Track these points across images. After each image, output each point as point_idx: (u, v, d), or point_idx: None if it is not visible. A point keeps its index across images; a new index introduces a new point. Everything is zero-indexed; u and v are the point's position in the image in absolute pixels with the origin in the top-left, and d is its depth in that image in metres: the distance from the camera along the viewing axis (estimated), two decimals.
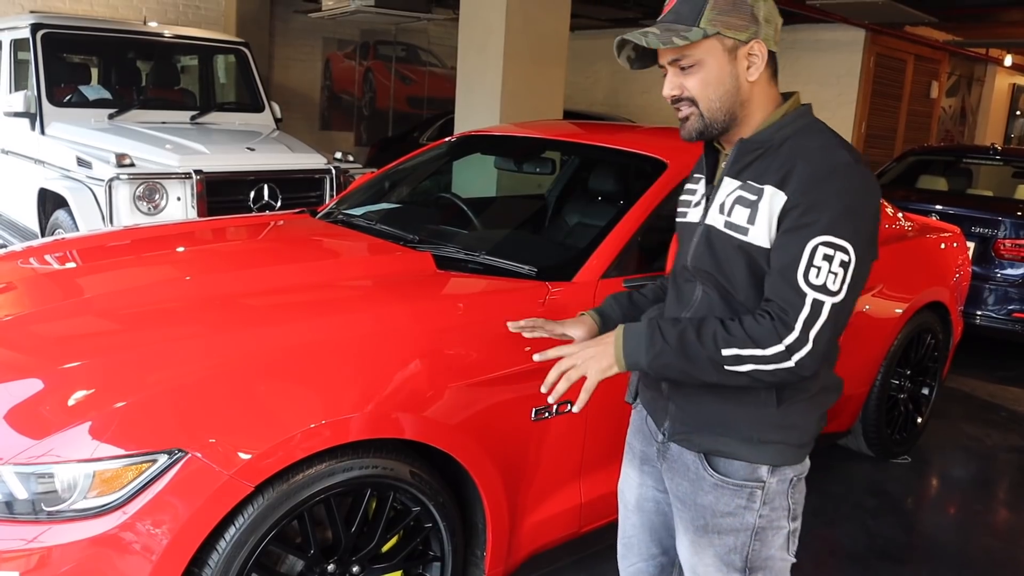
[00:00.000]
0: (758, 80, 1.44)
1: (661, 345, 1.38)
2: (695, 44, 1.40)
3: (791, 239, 1.35)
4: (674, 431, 1.53)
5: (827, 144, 1.40)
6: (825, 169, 1.35)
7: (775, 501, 1.48)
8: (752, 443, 1.45)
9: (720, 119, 1.45)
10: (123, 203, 4.27)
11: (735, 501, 1.47)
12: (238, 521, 1.66)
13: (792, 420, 1.45)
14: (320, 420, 1.73)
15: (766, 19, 1.42)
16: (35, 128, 5.17)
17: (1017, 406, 4.71)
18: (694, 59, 1.42)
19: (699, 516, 1.51)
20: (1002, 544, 3.13)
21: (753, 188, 1.41)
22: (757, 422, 1.44)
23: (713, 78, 1.42)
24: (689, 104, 1.45)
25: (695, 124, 1.46)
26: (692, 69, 1.43)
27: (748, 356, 1.34)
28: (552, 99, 5.90)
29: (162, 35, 6.12)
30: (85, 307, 2.18)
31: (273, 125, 6.14)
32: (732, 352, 1.35)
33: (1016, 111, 14.38)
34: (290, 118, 8.18)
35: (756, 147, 1.44)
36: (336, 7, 7.78)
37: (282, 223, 3.16)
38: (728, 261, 1.43)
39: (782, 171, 1.38)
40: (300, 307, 2.14)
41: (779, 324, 1.33)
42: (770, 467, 1.46)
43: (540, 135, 3.37)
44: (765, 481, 1.46)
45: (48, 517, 1.58)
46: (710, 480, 1.49)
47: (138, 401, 1.68)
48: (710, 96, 1.43)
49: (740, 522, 1.47)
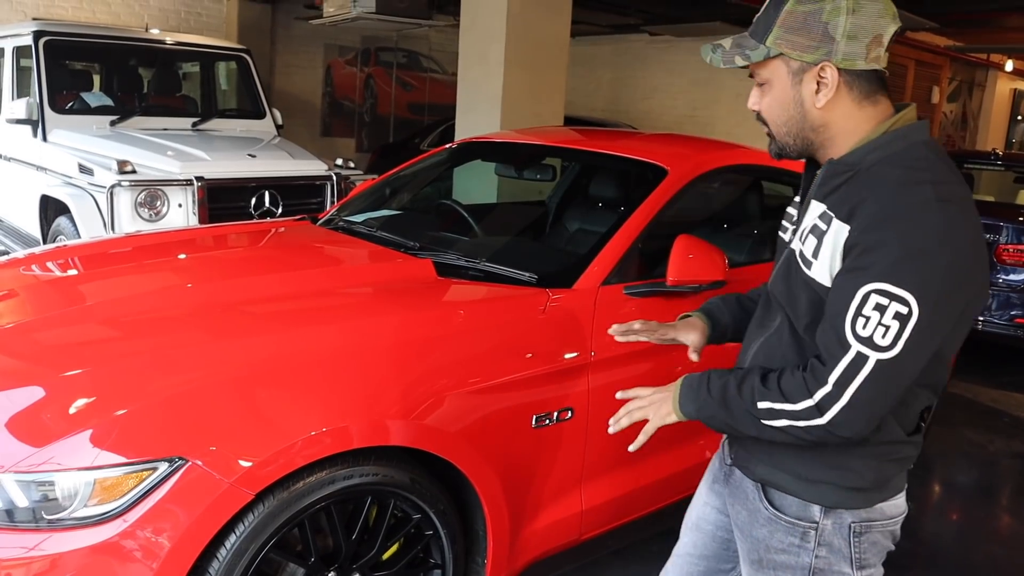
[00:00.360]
0: (836, 104, 1.29)
1: (706, 397, 1.35)
2: (762, 63, 1.31)
3: (845, 282, 1.22)
4: (737, 456, 1.50)
5: (909, 175, 1.22)
6: (894, 205, 1.19)
7: (832, 544, 1.37)
8: (801, 479, 1.37)
9: (791, 143, 1.35)
10: (125, 210, 4.28)
11: (788, 539, 1.40)
12: (239, 529, 1.66)
13: (844, 461, 1.34)
14: (321, 428, 1.73)
15: (849, 36, 1.25)
16: (37, 135, 5.19)
17: (1020, 412, 4.70)
18: (764, 78, 1.33)
19: (754, 549, 1.45)
20: (1005, 551, 3.12)
21: (827, 217, 1.28)
22: (803, 459, 1.36)
23: (778, 102, 1.33)
24: (765, 122, 1.37)
25: (772, 146, 1.38)
26: (764, 88, 1.34)
27: (780, 410, 1.27)
28: (553, 105, 5.90)
29: (164, 42, 6.15)
30: (86, 315, 2.18)
31: (274, 132, 6.16)
32: (766, 405, 1.28)
33: (1017, 116, 14.38)
34: (291, 124, 8.20)
35: (844, 170, 1.29)
36: (337, 14, 7.80)
37: (283, 230, 3.16)
38: (795, 294, 1.34)
39: (852, 202, 1.24)
40: (301, 314, 2.14)
41: (811, 378, 1.24)
42: (822, 508, 1.37)
43: (541, 141, 3.38)
44: (818, 522, 1.37)
45: (49, 525, 1.58)
46: (765, 513, 1.43)
47: (139, 409, 1.68)
48: (776, 120, 1.34)
49: (795, 560, 1.40)
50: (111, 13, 9.51)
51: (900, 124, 1.29)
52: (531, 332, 2.16)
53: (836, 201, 1.28)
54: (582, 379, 2.18)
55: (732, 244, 3.11)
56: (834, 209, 1.27)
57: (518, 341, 2.13)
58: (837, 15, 1.25)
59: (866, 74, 1.29)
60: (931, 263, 1.16)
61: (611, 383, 2.26)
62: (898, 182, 1.21)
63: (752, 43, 1.31)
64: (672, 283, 2.27)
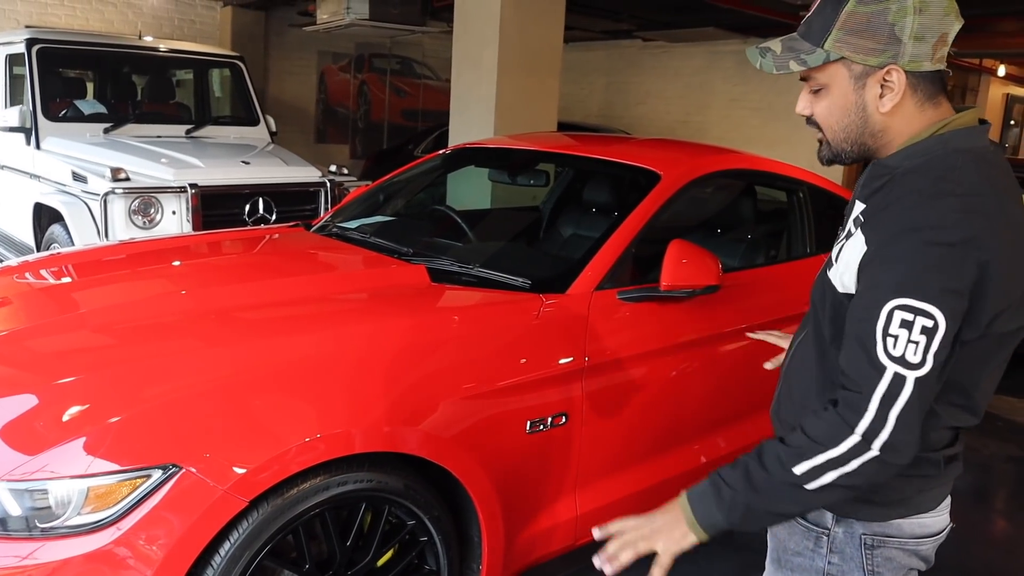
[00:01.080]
0: (899, 108, 1.23)
1: (730, 496, 1.22)
2: (819, 68, 1.23)
3: (866, 299, 1.16)
4: None
5: (936, 186, 1.16)
6: (913, 218, 1.14)
7: (845, 552, 1.34)
8: None
9: (847, 149, 1.28)
10: (118, 217, 4.28)
11: (804, 542, 1.38)
12: (233, 536, 1.66)
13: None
14: (315, 434, 1.73)
15: (916, 37, 1.18)
16: (31, 143, 5.18)
17: (1015, 416, 4.72)
18: (820, 83, 1.26)
19: (775, 548, 1.45)
20: (1001, 555, 3.13)
21: (859, 222, 1.23)
22: None
23: (837, 107, 1.25)
24: (817, 128, 1.30)
25: (825, 152, 1.31)
26: (820, 93, 1.27)
27: (823, 463, 1.16)
28: (546, 111, 5.92)
29: (157, 49, 6.15)
30: (80, 322, 2.18)
31: (268, 138, 6.16)
32: (806, 466, 1.17)
33: (1010, 121, 14.47)
34: (285, 131, 8.20)
35: (883, 172, 1.25)
36: (331, 20, 7.81)
37: (277, 236, 3.16)
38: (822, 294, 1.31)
39: (876, 211, 1.21)
40: (295, 321, 2.14)
41: (846, 411, 1.16)
42: (834, 516, 1.34)
43: (534, 147, 3.39)
44: (830, 528, 1.35)
45: (42, 534, 1.57)
46: None
47: (133, 416, 1.67)
48: (833, 126, 1.27)
49: (810, 564, 1.38)
50: (104, 20, 9.51)
51: (948, 129, 1.23)
52: (525, 337, 2.17)
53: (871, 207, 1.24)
54: (576, 384, 2.18)
55: (726, 249, 3.12)
56: (866, 215, 1.23)
57: (512, 346, 2.13)
58: (904, 15, 1.18)
59: (930, 75, 1.23)
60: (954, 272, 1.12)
61: (605, 388, 2.26)
62: (922, 193, 1.16)
63: (807, 46, 1.23)
64: (666, 288, 2.28)
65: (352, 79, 11.92)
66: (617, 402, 2.31)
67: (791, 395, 1.41)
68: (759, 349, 2.63)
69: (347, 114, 12.01)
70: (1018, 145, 14.99)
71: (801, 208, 3.15)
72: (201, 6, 10.22)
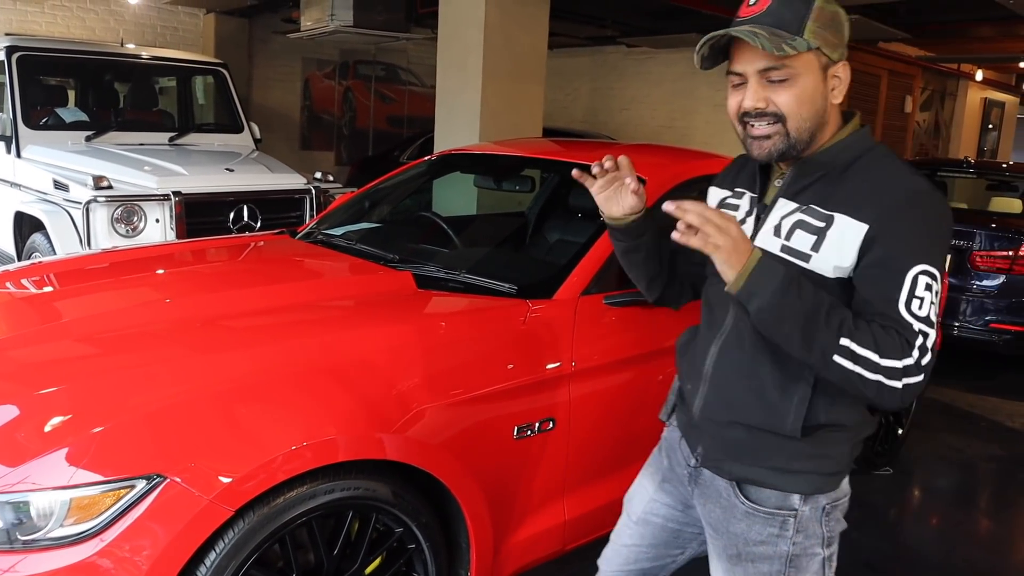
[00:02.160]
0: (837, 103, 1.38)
1: (795, 295, 1.24)
2: (795, 56, 1.30)
3: (886, 270, 1.27)
4: (707, 457, 1.50)
5: (902, 171, 1.33)
6: (904, 194, 1.29)
7: (808, 529, 1.43)
8: (782, 472, 1.41)
9: (804, 139, 1.35)
10: (101, 226, 4.24)
11: (767, 530, 1.43)
12: (219, 546, 1.64)
13: (824, 450, 1.41)
14: (301, 442, 1.72)
15: (849, 41, 1.36)
16: (11, 151, 5.13)
17: (996, 415, 4.76)
18: (791, 72, 1.31)
19: (731, 544, 1.47)
20: (984, 554, 3.15)
21: (819, 214, 1.33)
22: (786, 452, 1.40)
23: (807, 96, 1.33)
24: (773, 120, 1.34)
25: (778, 144, 1.35)
26: (785, 83, 1.32)
27: (863, 357, 1.24)
28: (531, 117, 5.93)
29: (140, 56, 6.11)
30: (62, 331, 2.16)
31: (252, 145, 6.14)
32: (851, 346, 1.24)
33: (988, 124, 14.63)
34: (270, 138, 8.17)
35: (817, 168, 1.37)
36: (315, 27, 7.79)
37: (262, 244, 3.15)
38: None
39: (855, 197, 1.31)
40: (280, 328, 2.13)
41: (904, 344, 1.25)
42: (802, 496, 1.42)
43: (520, 153, 3.39)
44: (797, 509, 1.42)
45: (23, 546, 1.55)
46: (742, 508, 1.45)
47: (116, 426, 1.66)
48: (802, 114, 1.33)
49: (773, 550, 1.43)
50: (86, 28, 9.44)
51: (856, 128, 1.40)
52: (512, 343, 2.17)
53: (817, 197, 1.34)
54: (563, 389, 2.18)
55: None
56: (822, 204, 1.33)
57: (499, 352, 2.13)
58: (845, 20, 1.36)
59: None
60: (944, 242, 1.33)
61: (592, 393, 2.26)
62: (899, 175, 1.32)
63: (787, 35, 1.29)
64: None
65: (337, 86, 11.89)
66: (604, 407, 2.32)
67: (722, 397, 1.45)
68: None
69: (332, 121, 11.98)
70: (996, 149, 15.16)
71: None
72: (184, 13, 10.16)
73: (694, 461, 1.54)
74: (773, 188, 1.43)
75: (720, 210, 1.33)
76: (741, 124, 1.38)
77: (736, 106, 1.37)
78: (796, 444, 1.38)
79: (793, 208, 1.37)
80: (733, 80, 1.37)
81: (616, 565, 1.71)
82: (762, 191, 1.46)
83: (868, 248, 1.29)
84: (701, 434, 1.51)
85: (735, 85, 1.38)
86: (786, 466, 1.40)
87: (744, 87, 1.35)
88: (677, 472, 1.61)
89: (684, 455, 1.58)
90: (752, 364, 1.39)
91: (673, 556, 1.67)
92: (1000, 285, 5.26)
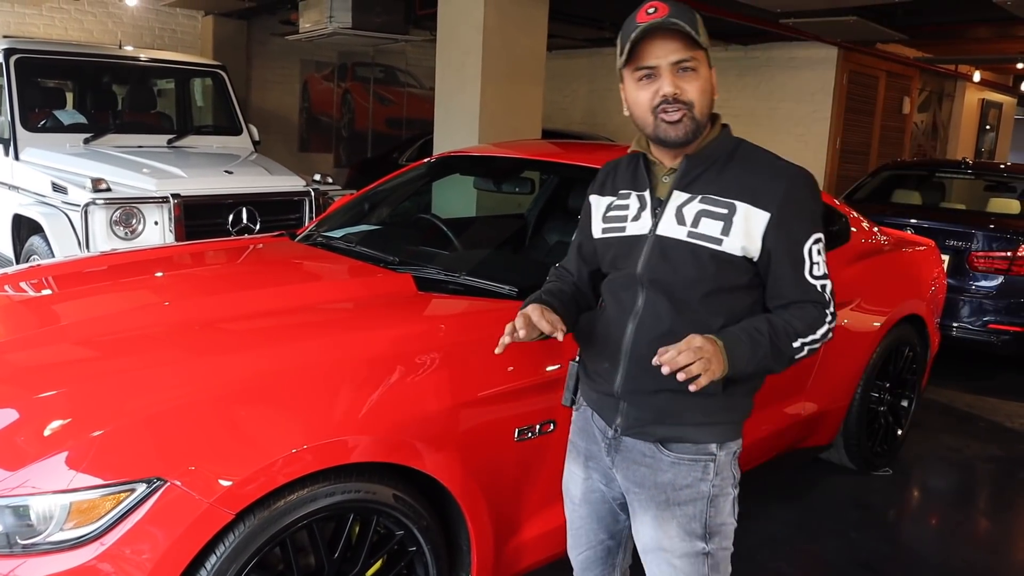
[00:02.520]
0: None
1: (762, 353, 1.52)
2: (698, 51, 1.51)
3: (792, 248, 1.55)
4: (628, 426, 1.64)
5: (774, 157, 1.61)
6: (790, 181, 1.56)
7: (724, 472, 1.62)
8: (703, 426, 1.60)
9: (703, 124, 1.55)
10: (99, 228, 4.24)
11: (692, 474, 1.61)
12: (219, 549, 1.64)
13: (735, 402, 1.63)
14: (301, 445, 1.71)
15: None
16: (9, 154, 5.13)
17: (995, 416, 4.77)
18: (696, 64, 1.51)
19: (660, 493, 1.62)
20: (983, 555, 3.15)
21: (719, 202, 1.54)
22: (707, 408, 1.59)
23: (707, 87, 1.54)
24: (683, 107, 1.51)
25: (689, 125, 1.53)
26: (693, 74, 1.51)
27: (809, 341, 1.56)
28: (530, 119, 5.94)
29: (138, 59, 6.11)
30: (61, 335, 2.15)
31: (251, 148, 6.13)
32: (799, 343, 1.55)
33: (986, 125, 14.64)
34: (268, 140, 8.17)
35: (703, 161, 1.57)
36: (313, 29, 7.80)
37: (261, 246, 3.14)
38: (689, 268, 1.54)
39: (749, 188, 1.54)
40: (280, 331, 2.12)
41: (820, 310, 1.56)
42: (718, 443, 1.62)
43: (519, 155, 3.39)
44: (715, 455, 1.61)
45: (23, 550, 1.55)
46: (667, 459, 1.61)
47: (115, 429, 1.65)
48: (704, 102, 1.53)
49: (696, 492, 1.61)
50: (84, 30, 9.44)
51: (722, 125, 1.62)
52: (512, 345, 2.16)
53: (712, 188, 1.55)
54: None
55: None
56: (720, 194, 1.54)
57: (499, 354, 2.12)
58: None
59: None
60: (819, 206, 1.61)
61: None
62: (775, 164, 1.59)
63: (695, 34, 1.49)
64: None
65: (335, 88, 11.90)
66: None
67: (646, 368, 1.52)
68: None
69: (331, 123, 11.98)
70: (994, 150, 15.18)
71: None
72: (182, 15, 10.16)
73: (611, 432, 1.67)
74: (663, 184, 1.61)
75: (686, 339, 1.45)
76: (654, 114, 1.53)
77: (650, 96, 1.52)
78: (714, 399, 1.57)
79: (688, 198, 1.56)
80: (639, 75, 1.53)
81: (582, 547, 1.85)
82: (652, 188, 1.62)
83: (771, 233, 1.53)
84: (620, 406, 1.64)
85: (642, 80, 1.53)
86: (705, 420, 1.59)
87: (654, 80, 1.51)
88: (593, 448, 1.74)
89: (600, 428, 1.71)
90: (671, 335, 1.52)
91: (622, 523, 1.80)
92: (999, 286, 5.26)
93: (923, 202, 6.33)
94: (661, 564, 1.65)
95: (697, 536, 1.61)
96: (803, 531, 3.18)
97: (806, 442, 3.33)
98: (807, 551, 3.08)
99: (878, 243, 3.70)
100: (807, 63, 9.77)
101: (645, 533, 1.66)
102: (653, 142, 1.61)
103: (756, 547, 3.01)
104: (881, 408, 3.71)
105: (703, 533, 1.62)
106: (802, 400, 3.15)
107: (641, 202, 1.63)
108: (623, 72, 1.56)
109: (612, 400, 1.65)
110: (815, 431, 3.32)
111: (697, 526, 1.61)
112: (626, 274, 1.61)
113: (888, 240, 3.82)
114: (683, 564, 1.62)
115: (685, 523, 1.61)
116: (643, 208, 1.62)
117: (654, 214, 1.60)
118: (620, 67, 1.55)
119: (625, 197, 1.67)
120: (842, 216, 3.53)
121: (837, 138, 9.98)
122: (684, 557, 1.62)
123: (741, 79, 10.25)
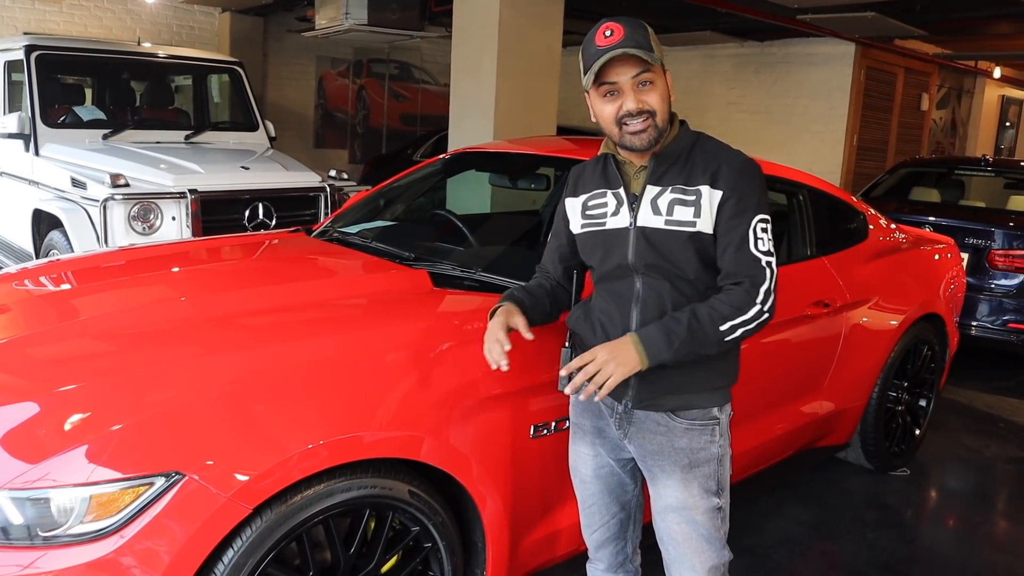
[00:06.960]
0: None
1: (679, 340, 1.66)
2: (655, 65, 1.68)
3: (738, 223, 1.70)
4: (640, 399, 1.79)
5: (726, 146, 1.79)
6: (739, 165, 1.74)
7: (726, 433, 1.84)
8: (707, 391, 1.80)
9: (664, 129, 1.73)
10: (118, 223, 4.27)
11: (703, 437, 1.80)
12: (236, 543, 1.65)
13: (727, 367, 1.83)
14: (318, 440, 1.72)
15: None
16: (29, 149, 5.17)
17: (1015, 416, 4.72)
18: (653, 76, 1.69)
19: (682, 457, 1.80)
20: (1004, 556, 3.12)
21: (687, 190, 1.73)
22: (713, 373, 1.79)
23: (665, 95, 1.72)
24: (648, 117, 1.69)
25: (652, 133, 1.71)
26: (651, 87, 1.69)
27: (738, 323, 1.69)
28: (545, 115, 5.92)
29: (156, 55, 6.14)
30: (80, 329, 2.17)
31: (267, 144, 6.15)
32: (727, 325, 1.68)
33: (1006, 122, 14.48)
34: (284, 136, 8.19)
35: (669, 158, 1.76)
36: (329, 26, 7.81)
37: (277, 242, 3.16)
38: (675, 251, 1.73)
39: (708, 172, 1.72)
40: (297, 326, 2.13)
41: (751, 289, 1.69)
42: (719, 407, 1.82)
43: (534, 151, 3.39)
44: (718, 418, 1.82)
45: (44, 542, 1.56)
46: (680, 426, 1.80)
47: (135, 423, 1.67)
48: (664, 109, 1.71)
49: (709, 454, 1.81)
50: (103, 27, 9.51)
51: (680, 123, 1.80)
52: (527, 342, 2.16)
53: (680, 179, 1.73)
54: None
55: None
56: (687, 183, 1.72)
57: (514, 351, 2.12)
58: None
59: None
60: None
61: None
62: (727, 151, 1.76)
63: (647, 52, 1.65)
64: None
65: (351, 84, 11.92)
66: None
67: None
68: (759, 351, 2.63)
69: (346, 119, 12.01)
70: (1014, 147, 15.01)
71: (801, 211, 3.15)
72: (200, 12, 10.21)
73: (621, 407, 1.83)
74: (636, 180, 1.79)
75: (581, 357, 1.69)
76: (619, 125, 1.70)
77: (615, 110, 1.70)
78: (714, 366, 1.78)
79: (659, 191, 1.74)
80: (603, 91, 1.70)
81: (596, 524, 1.99)
82: (626, 186, 1.79)
83: (722, 209, 1.71)
84: (631, 381, 1.77)
85: (606, 96, 1.70)
86: (709, 385, 1.80)
87: (618, 96, 1.69)
88: (601, 424, 1.90)
89: (607, 404, 1.87)
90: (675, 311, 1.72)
91: (630, 492, 1.98)
92: (1019, 285, 5.20)
93: (942, 199, 6.27)
94: (685, 521, 1.82)
95: (712, 492, 1.82)
96: (820, 531, 3.16)
97: (823, 441, 3.31)
98: (824, 551, 3.06)
99: (896, 241, 3.67)
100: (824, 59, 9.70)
101: (670, 495, 1.83)
102: (620, 148, 1.77)
103: (772, 547, 2.99)
104: (899, 407, 3.68)
105: (716, 489, 1.83)
106: (819, 398, 3.13)
107: (618, 199, 1.79)
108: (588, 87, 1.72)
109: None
110: (832, 430, 3.29)
111: (712, 484, 1.82)
112: (618, 265, 1.78)
113: (906, 238, 3.78)
114: (704, 519, 1.82)
115: (703, 482, 1.81)
116: (620, 204, 1.79)
117: (631, 208, 1.77)
118: (586, 86, 1.71)
119: (600, 196, 1.83)
120: (860, 213, 3.50)
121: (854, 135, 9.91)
122: (706, 512, 1.82)
123: (757, 76, 10.19)
